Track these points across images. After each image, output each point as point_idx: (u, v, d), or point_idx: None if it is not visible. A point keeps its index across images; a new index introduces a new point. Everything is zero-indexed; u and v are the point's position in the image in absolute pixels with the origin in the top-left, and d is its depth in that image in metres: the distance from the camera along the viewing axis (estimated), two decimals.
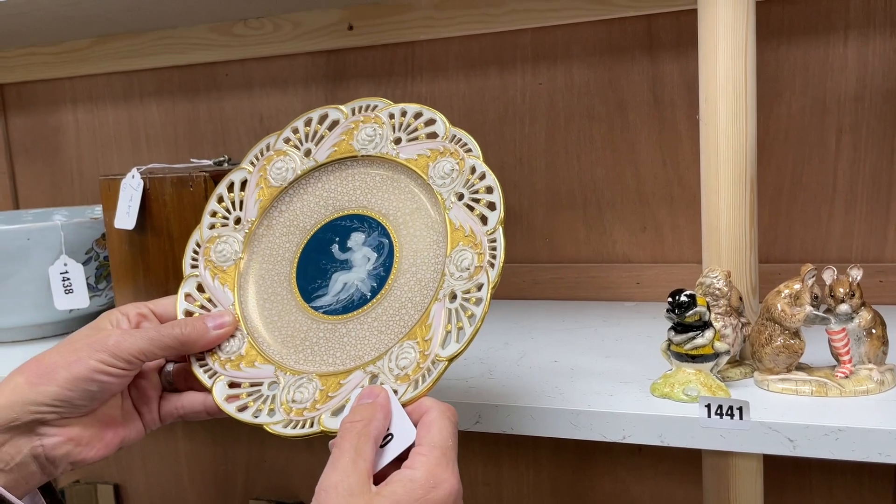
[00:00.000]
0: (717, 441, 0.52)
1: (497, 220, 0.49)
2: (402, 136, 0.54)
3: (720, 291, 0.58)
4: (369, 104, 0.56)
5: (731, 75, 0.59)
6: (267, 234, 0.55)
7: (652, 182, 0.87)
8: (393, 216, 0.53)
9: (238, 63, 1.02)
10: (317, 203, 0.55)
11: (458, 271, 0.49)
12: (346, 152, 0.55)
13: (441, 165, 0.52)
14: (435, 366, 0.46)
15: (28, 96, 1.14)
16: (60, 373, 0.46)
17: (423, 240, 0.52)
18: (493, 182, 0.50)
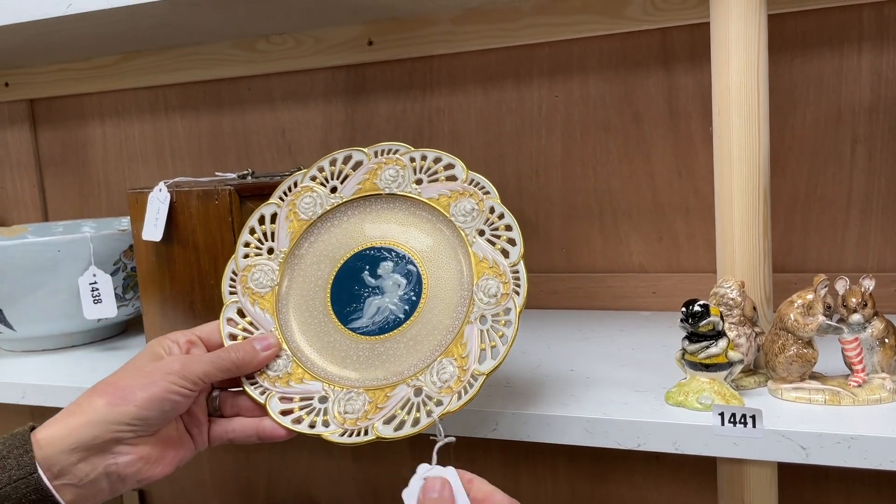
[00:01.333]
0: (730, 449, 0.53)
1: (518, 254, 0.54)
2: (423, 177, 0.59)
3: (734, 301, 0.59)
4: (391, 148, 0.60)
5: (743, 89, 0.61)
6: (299, 263, 0.60)
7: (667, 192, 0.88)
8: (418, 248, 0.58)
9: (261, 78, 1.04)
10: (344, 235, 0.60)
11: (486, 297, 0.54)
12: (370, 190, 0.60)
13: (462, 205, 0.57)
14: (475, 379, 0.51)
15: (57, 111, 1.17)
16: (138, 394, 0.50)
17: (448, 269, 0.56)
18: (512, 221, 0.55)
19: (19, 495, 0.46)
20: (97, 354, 0.86)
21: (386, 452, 1.03)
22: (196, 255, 0.74)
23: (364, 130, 1.00)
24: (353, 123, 1.01)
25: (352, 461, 1.06)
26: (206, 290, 0.73)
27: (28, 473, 0.46)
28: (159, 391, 0.50)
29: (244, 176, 0.80)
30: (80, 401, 0.50)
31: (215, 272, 0.72)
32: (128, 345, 0.89)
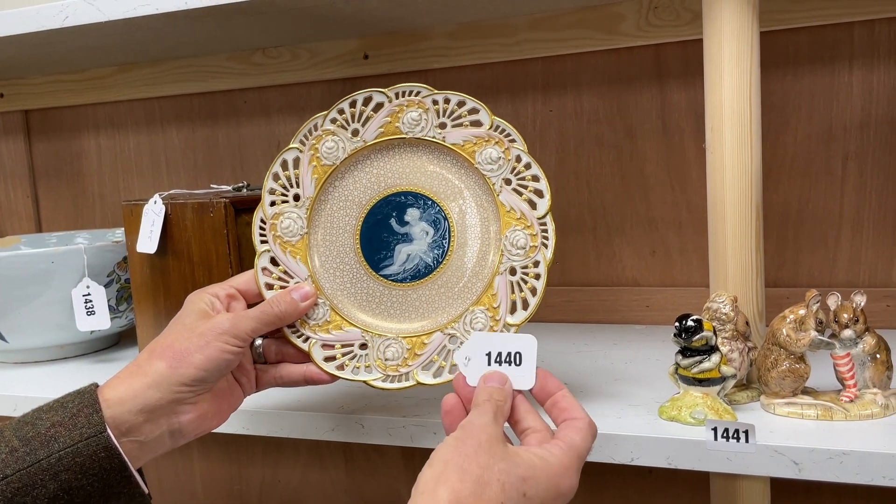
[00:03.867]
0: (723, 464, 0.53)
1: (546, 207, 0.55)
2: (447, 121, 0.58)
3: (727, 316, 0.60)
4: (412, 89, 0.59)
5: (736, 106, 0.61)
6: (325, 208, 0.59)
7: (661, 207, 0.88)
8: (443, 194, 0.58)
9: (256, 91, 1.04)
10: (369, 180, 0.59)
11: (514, 249, 0.56)
12: (392, 133, 0.59)
13: (487, 152, 0.57)
14: (507, 330, 0.54)
15: (52, 122, 1.17)
16: (196, 357, 0.52)
17: (475, 218, 0.58)
18: (539, 171, 0.56)
19: (89, 451, 0.47)
20: (90, 366, 0.85)
21: (379, 465, 1.03)
22: (191, 267, 0.74)
23: None
24: None
25: (345, 474, 1.06)
26: None
27: (98, 432, 0.48)
28: (215, 352, 0.52)
29: (239, 188, 0.80)
30: (140, 362, 0.52)
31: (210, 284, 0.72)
32: (121, 357, 0.89)
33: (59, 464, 0.47)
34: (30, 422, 0.49)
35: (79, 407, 0.49)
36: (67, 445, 0.47)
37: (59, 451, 0.47)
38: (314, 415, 0.64)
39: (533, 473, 0.43)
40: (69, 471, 0.47)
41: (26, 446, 0.47)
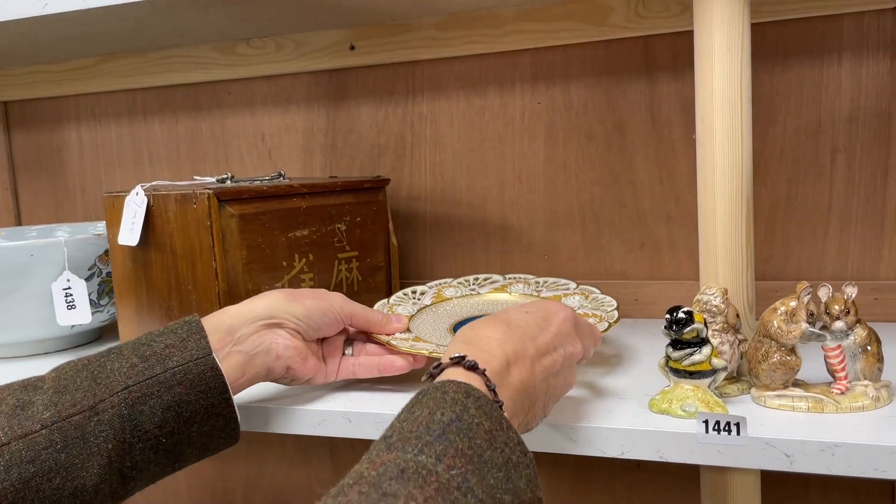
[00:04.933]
0: (714, 457, 0.53)
1: (607, 326, 0.67)
2: (543, 288, 0.80)
3: (717, 308, 0.59)
4: (518, 277, 0.83)
5: (726, 97, 0.61)
6: (431, 314, 0.76)
7: (649, 200, 0.88)
8: None
9: (241, 82, 1.03)
10: (471, 306, 0.78)
11: None
12: (501, 291, 0.81)
13: (572, 299, 0.76)
14: None
15: (32, 113, 1.15)
16: (309, 300, 0.62)
17: None
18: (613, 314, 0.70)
19: (198, 370, 0.54)
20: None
21: None
22: (174, 259, 0.72)
23: (346, 136, 0.99)
24: (335, 129, 1.00)
25: (331, 470, 1.05)
26: (183, 295, 0.72)
27: (206, 354, 0.54)
28: (324, 304, 0.62)
29: (223, 180, 0.79)
30: (262, 294, 0.62)
31: (193, 277, 0.71)
32: None
33: (174, 378, 0.53)
34: (145, 343, 0.55)
35: (187, 333, 0.55)
36: (180, 364, 0.53)
37: (173, 367, 0.53)
38: (301, 410, 0.63)
39: (526, 304, 0.56)
40: (181, 385, 0.53)
41: (144, 362, 0.53)
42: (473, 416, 0.42)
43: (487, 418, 0.42)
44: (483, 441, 0.41)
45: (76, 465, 0.49)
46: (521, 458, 0.42)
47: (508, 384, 0.48)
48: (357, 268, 0.83)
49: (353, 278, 0.83)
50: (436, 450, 0.39)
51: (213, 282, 0.69)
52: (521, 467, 0.42)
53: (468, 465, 0.39)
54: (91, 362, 0.54)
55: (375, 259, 0.86)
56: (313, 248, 0.78)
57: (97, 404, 0.51)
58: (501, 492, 0.40)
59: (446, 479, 0.38)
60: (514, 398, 0.48)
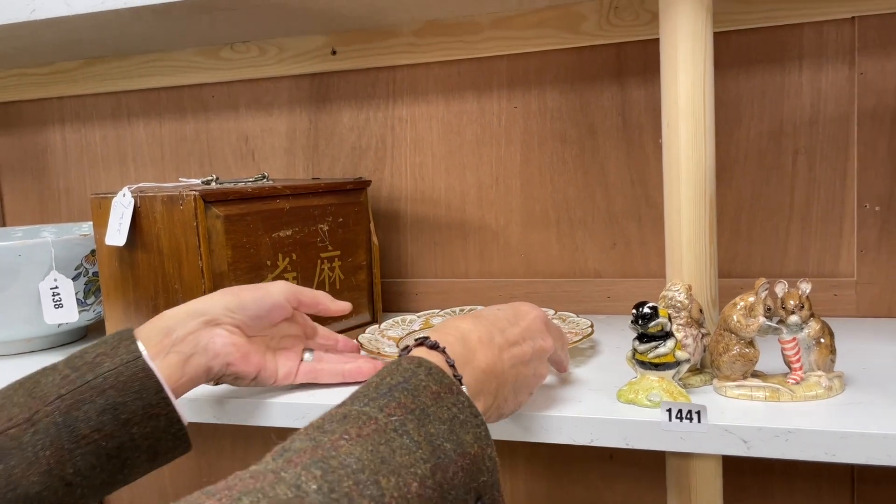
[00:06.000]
0: (677, 443, 0.56)
1: (581, 338, 0.73)
2: None
3: (681, 304, 0.63)
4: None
5: (690, 103, 0.64)
6: None
7: (621, 201, 0.91)
8: None
9: (224, 85, 1.05)
10: None
11: None
12: None
13: None
14: None
15: (16, 115, 1.16)
16: (247, 290, 0.63)
17: None
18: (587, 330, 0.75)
19: (130, 372, 0.54)
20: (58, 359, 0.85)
21: None
22: (160, 259, 0.74)
23: (328, 138, 1.02)
24: (317, 131, 1.02)
25: None
26: (170, 294, 0.74)
27: (135, 357, 0.55)
28: (260, 293, 0.63)
29: (208, 182, 0.81)
30: (206, 295, 0.63)
31: (180, 276, 0.73)
32: None
33: (105, 383, 0.54)
34: (78, 356, 0.56)
35: (118, 340, 0.56)
36: (111, 369, 0.54)
37: (104, 373, 0.54)
38: (284, 404, 0.65)
39: (500, 305, 0.59)
40: (113, 388, 0.54)
41: (76, 372, 0.54)
42: (421, 381, 0.45)
43: (436, 383, 0.45)
44: (428, 399, 0.44)
45: (16, 475, 0.50)
46: (470, 417, 0.45)
47: (474, 365, 0.51)
48: (339, 267, 0.86)
49: (336, 277, 0.86)
50: (379, 403, 0.43)
51: (199, 281, 0.71)
52: (468, 425, 0.44)
53: (408, 414, 0.42)
54: (27, 379, 0.55)
55: (357, 258, 0.88)
56: (296, 248, 0.80)
57: (32, 416, 0.52)
58: (442, 440, 0.42)
59: (384, 423, 0.41)
60: (478, 378, 0.51)
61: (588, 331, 0.74)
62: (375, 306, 0.91)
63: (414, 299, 1.00)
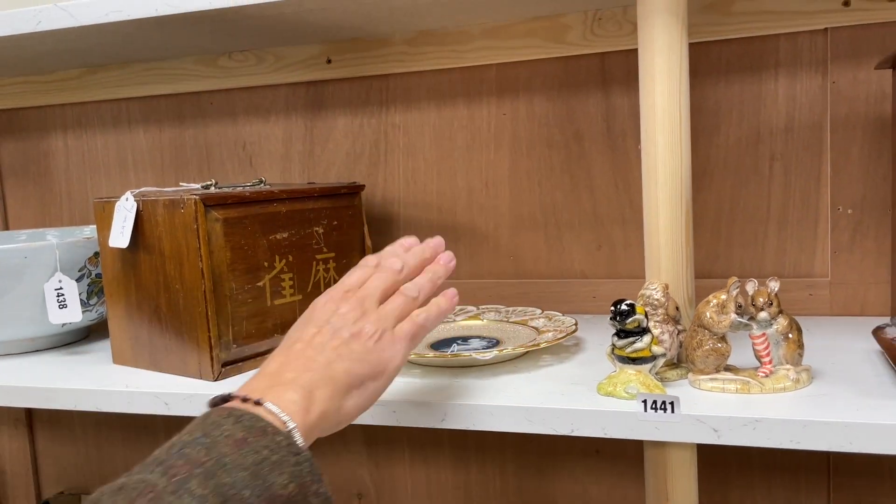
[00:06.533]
0: (652, 432, 0.59)
1: (565, 335, 0.77)
2: (512, 316, 0.89)
3: (658, 302, 0.66)
4: (490, 307, 0.92)
5: (667, 111, 0.68)
6: None
7: (606, 205, 0.94)
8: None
9: (223, 92, 1.08)
10: (448, 330, 0.86)
11: None
12: (474, 318, 0.90)
13: (538, 321, 0.85)
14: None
15: (19, 122, 1.20)
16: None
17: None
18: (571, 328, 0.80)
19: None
20: (62, 358, 0.89)
21: (342, 453, 1.08)
22: (162, 261, 0.77)
23: (323, 144, 1.05)
24: (313, 137, 1.05)
25: None
26: (171, 294, 0.77)
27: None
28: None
29: (208, 186, 0.84)
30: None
31: (181, 277, 0.76)
32: (91, 349, 0.92)
33: None
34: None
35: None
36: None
37: None
38: None
39: None
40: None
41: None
42: (224, 430, 0.44)
43: (244, 429, 0.45)
44: (228, 448, 0.43)
45: None
46: (287, 456, 0.44)
47: (285, 386, 0.49)
48: (334, 268, 0.89)
49: (331, 278, 0.89)
50: (166, 465, 0.42)
51: (199, 281, 0.75)
52: (283, 465, 0.44)
53: (195, 469, 0.42)
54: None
55: (352, 260, 0.91)
56: (293, 250, 0.84)
57: None
58: (240, 487, 0.42)
59: (162, 488, 0.41)
60: (295, 393, 0.49)
61: (572, 328, 0.78)
62: None
63: None
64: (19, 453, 1.26)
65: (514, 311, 0.89)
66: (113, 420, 1.20)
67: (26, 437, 1.25)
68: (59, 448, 1.24)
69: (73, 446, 1.23)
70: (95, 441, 1.21)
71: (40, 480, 1.26)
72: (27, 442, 1.25)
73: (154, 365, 0.80)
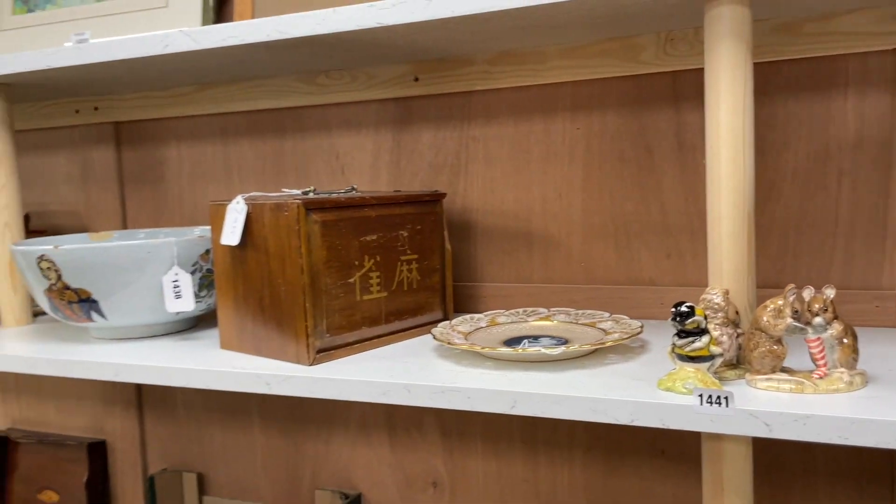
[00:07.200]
0: (706, 424, 0.64)
1: (629, 336, 0.82)
2: (582, 318, 0.94)
3: (718, 306, 0.71)
4: (561, 309, 0.97)
5: (731, 127, 0.72)
6: (485, 332, 0.92)
7: (675, 216, 0.99)
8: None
9: (319, 108, 1.18)
10: (519, 329, 0.93)
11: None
12: (546, 319, 0.96)
13: (605, 324, 0.91)
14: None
15: (139, 133, 1.33)
16: None
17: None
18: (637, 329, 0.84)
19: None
20: (175, 343, 1.00)
21: (419, 442, 1.15)
22: (267, 258, 0.87)
23: (409, 155, 1.14)
24: (400, 149, 1.14)
25: (388, 451, 1.18)
26: (274, 288, 0.86)
27: None
28: None
29: (307, 192, 0.93)
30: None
31: (283, 272, 0.85)
32: (200, 336, 1.03)
33: None
34: None
35: None
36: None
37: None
38: (368, 382, 0.77)
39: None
40: None
41: None
42: None
43: None
44: None
45: None
46: None
47: None
48: (416, 269, 0.97)
49: (413, 278, 0.97)
50: None
51: (299, 276, 0.84)
52: None
53: None
54: None
55: (432, 262, 0.99)
56: (380, 251, 0.92)
57: None
58: None
59: None
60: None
61: (638, 330, 0.83)
62: (447, 306, 1.02)
63: (482, 302, 1.10)
64: (129, 432, 1.40)
65: (584, 314, 0.94)
66: (212, 404, 1.31)
67: (136, 417, 1.39)
68: (164, 429, 1.37)
69: (177, 427, 1.35)
70: (196, 423, 1.33)
71: (146, 458, 1.39)
72: (136, 422, 1.39)
73: (257, 350, 0.90)
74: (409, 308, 0.96)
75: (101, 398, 1.42)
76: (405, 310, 0.95)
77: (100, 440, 1.42)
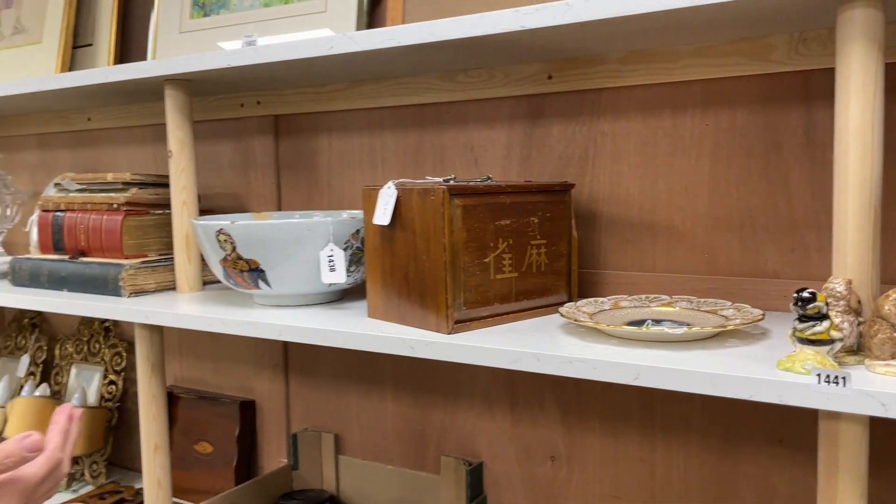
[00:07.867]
0: (824, 402, 0.68)
1: (750, 321, 0.87)
2: (703, 306, 0.98)
3: (840, 294, 0.74)
4: (683, 297, 1.01)
5: (859, 126, 0.76)
6: (608, 314, 0.98)
7: (802, 211, 1.01)
8: None
9: (457, 104, 1.28)
10: (641, 313, 0.98)
11: None
12: (667, 305, 1.01)
13: (727, 311, 0.95)
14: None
15: (295, 125, 1.48)
16: None
17: None
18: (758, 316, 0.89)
19: None
20: (327, 312, 1.12)
21: (539, 418, 1.23)
22: (413, 237, 0.97)
23: (539, 148, 1.21)
24: (531, 142, 1.22)
25: (510, 424, 1.26)
26: (419, 264, 0.97)
27: None
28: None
29: (448, 180, 1.03)
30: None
31: (427, 250, 0.95)
32: (349, 306, 1.15)
33: None
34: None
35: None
36: None
37: None
38: (501, 350, 0.85)
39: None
40: None
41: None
42: None
43: None
44: None
45: None
46: None
47: None
48: (545, 253, 1.05)
49: (542, 261, 1.04)
50: None
51: (441, 254, 0.93)
52: None
53: None
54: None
55: (559, 247, 1.07)
56: (513, 235, 1.00)
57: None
58: None
59: None
60: None
61: (759, 317, 0.87)
62: (572, 289, 1.09)
63: (605, 288, 1.16)
64: (276, 394, 1.56)
65: (706, 302, 0.99)
66: (351, 372, 1.44)
67: (282, 381, 1.54)
68: (307, 392, 1.52)
69: (318, 391, 1.50)
70: (336, 388, 1.47)
71: (290, 417, 1.55)
72: (283, 385, 1.54)
73: (401, 319, 1.01)
74: (537, 289, 1.03)
75: (252, 362, 1.58)
76: (533, 290, 1.03)
77: (250, 399, 1.59)
